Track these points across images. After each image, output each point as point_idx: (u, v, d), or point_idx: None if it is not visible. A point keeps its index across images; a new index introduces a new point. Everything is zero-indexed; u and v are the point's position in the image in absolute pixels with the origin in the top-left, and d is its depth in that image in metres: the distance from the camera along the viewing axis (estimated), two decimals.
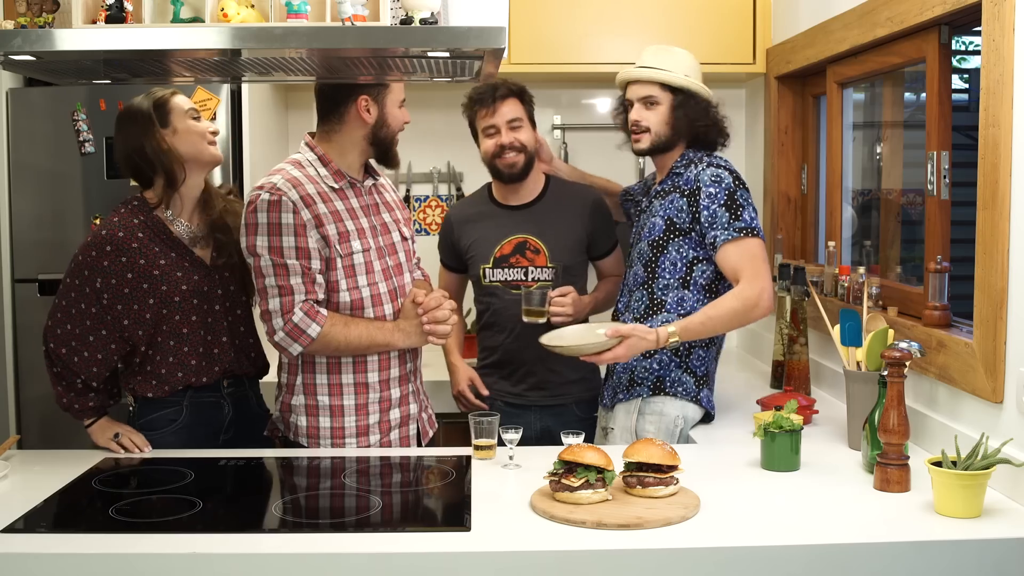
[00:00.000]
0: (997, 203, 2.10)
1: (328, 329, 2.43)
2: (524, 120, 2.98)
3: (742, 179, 2.63)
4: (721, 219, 2.55)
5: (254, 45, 2.11)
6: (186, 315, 2.47)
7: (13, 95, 3.40)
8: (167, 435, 2.49)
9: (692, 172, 2.64)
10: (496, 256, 3.00)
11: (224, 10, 2.24)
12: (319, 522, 2.05)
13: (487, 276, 3.01)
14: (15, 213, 3.41)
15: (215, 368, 2.52)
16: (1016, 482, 2.02)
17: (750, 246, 2.54)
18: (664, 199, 2.68)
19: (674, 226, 2.63)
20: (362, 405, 2.53)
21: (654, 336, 2.47)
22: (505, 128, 2.96)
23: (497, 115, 2.96)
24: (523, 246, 2.99)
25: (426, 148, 4.02)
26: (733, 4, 3.68)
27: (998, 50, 2.09)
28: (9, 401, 3.42)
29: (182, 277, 2.47)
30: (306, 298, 2.43)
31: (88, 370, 2.43)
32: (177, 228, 2.51)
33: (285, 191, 2.43)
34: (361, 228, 2.53)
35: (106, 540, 1.88)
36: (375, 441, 2.54)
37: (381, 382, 2.55)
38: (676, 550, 1.84)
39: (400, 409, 2.59)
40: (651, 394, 2.65)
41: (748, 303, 2.50)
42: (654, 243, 2.66)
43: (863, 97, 3.35)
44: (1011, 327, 2.08)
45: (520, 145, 2.96)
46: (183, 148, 2.48)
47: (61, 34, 2.08)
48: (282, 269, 2.42)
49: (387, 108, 2.55)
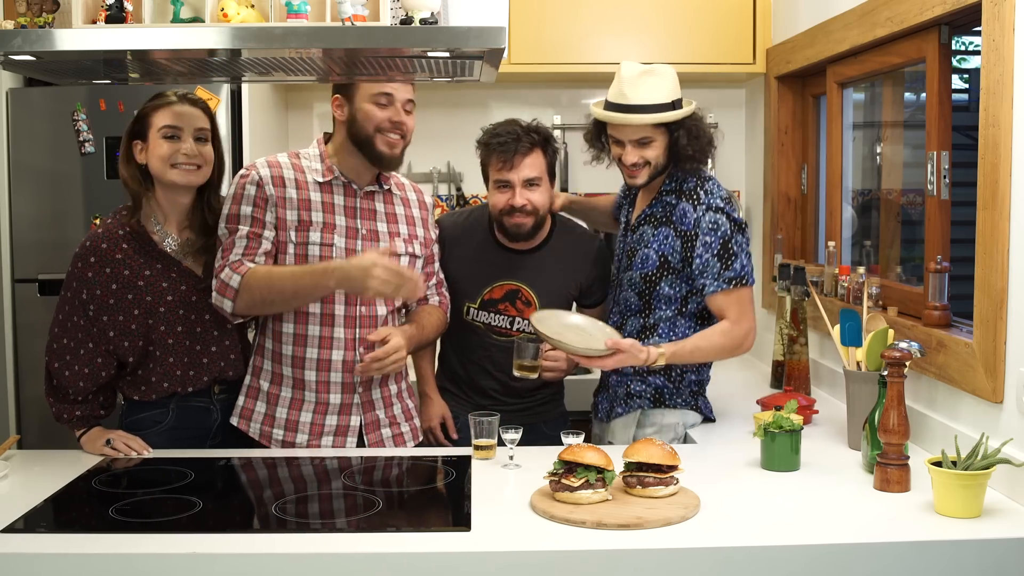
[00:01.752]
0: (997, 203, 2.10)
1: (249, 277, 2.36)
2: (543, 178, 2.71)
3: (740, 222, 2.55)
4: (712, 269, 2.51)
5: (254, 45, 2.11)
6: (171, 326, 2.45)
7: (13, 95, 3.39)
8: (151, 436, 2.47)
9: (690, 211, 2.56)
10: (484, 298, 2.80)
11: (224, 10, 2.24)
12: (319, 522, 2.04)
13: (469, 314, 2.81)
14: (15, 213, 3.41)
15: (203, 377, 2.50)
16: (1016, 482, 2.02)
17: (738, 294, 2.53)
18: (656, 230, 2.61)
19: (668, 264, 2.58)
20: (297, 400, 2.52)
21: (645, 356, 2.46)
22: (520, 187, 2.68)
23: (514, 171, 2.67)
24: (514, 295, 2.80)
25: (426, 148, 4.02)
26: (733, 4, 3.68)
27: (998, 50, 2.09)
28: (9, 401, 3.42)
29: (168, 288, 2.44)
30: (240, 259, 2.41)
31: (75, 384, 2.42)
32: (162, 239, 2.48)
33: (258, 167, 2.50)
34: (332, 224, 2.49)
35: (106, 540, 1.88)
36: (302, 440, 2.51)
37: (319, 383, 2.51)
38: (676, 550, 1.83)
39: (339, 417, 2.53)
40: (651, 406, 2.64)
41: (734, 342, 2.52)
42: (647, 276, 2.61)
43: (863, 97, 3.35)
44: (1011, 327, 2.08)
45: (532, 208, 2.70)
46: (150, 165, 2.45)
47: (61, 34, 2.08)
48: (232, 235, 2.44)
49: (356, 104, 2.48)
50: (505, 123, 2.74)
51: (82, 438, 2.46)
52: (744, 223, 2.58)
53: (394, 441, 2.62)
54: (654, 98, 2.53)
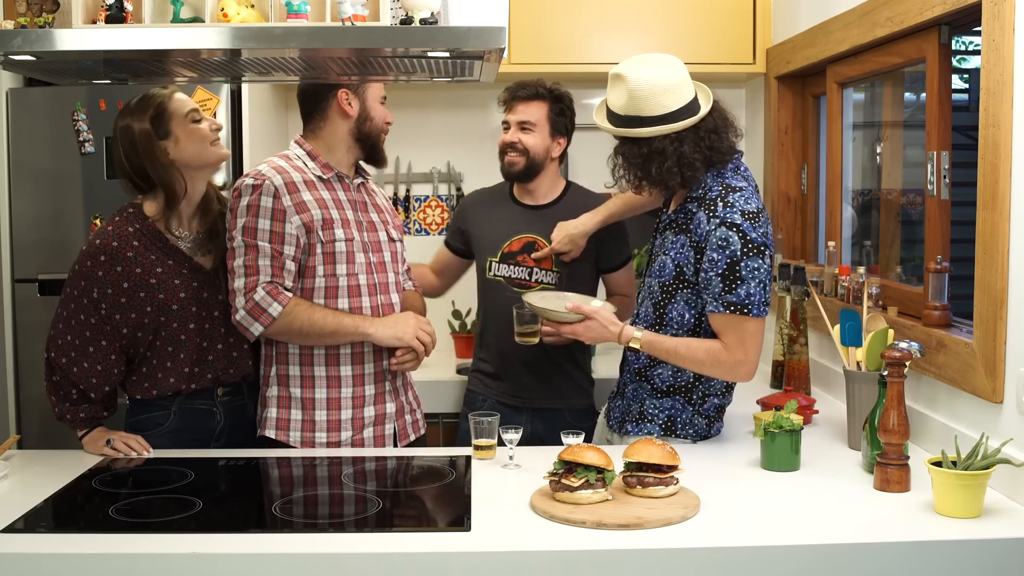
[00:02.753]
0: (997, 203, 2.10)
1: (291, 308, 2.43)
2: (539, 124, 2.95)
3: (758, 244, 2.29)
4: (714, 288, 2.32)
5: (254, 45, 2.11)
6: (184, 322, 2.46)
7: (13, 95, 3.39)
8: (153, 438, 2.47)
9: (703, 222, 2.34)
10: (504, 251, 3.01)
11: (224, 10, 2.24)
12: (319, 522, 2.05)
13: (492, 269, 3.02)
14: (15, 213, 3.41)
15: (207, 375, 2.51)
16: (1016, 482, 2.02)
17: (738, 322, 2.31)
18: (676, 237, 2.43)
19: (683, 275, 2.41)
20: (335, 399, 2.53)
21: (617, 331, 2.44)
22: (515, 127, 2.96)
23: (511, 114, 2.98)
24: (531, 246, 2.99)
25: (426, 148, 4.03)
26: (733, 4, 3.68)
27: (998, 50, 2.09)
28: (9, 401, 3.42)
29: (180, 284, 2.45)
30: (272, 280, 2.43)
31: (87, 380, 2.42)
32: (175, 235, 2.49)
33: (269, 176, 2.49)
34: (346, 219, 2.55)
35: (106, 540, 1.88)
36: (347, 438, 2.53)
37: (355, 376, 2.54)
38: (676, 550, 1.83)
39: (375, 407, 2.57)
40: (661, 433, 2.50)
41: (720, 367, 2.35)
42: (664, 286, 2.45)
43: (863, 97, 3.35)
44: (1011, 327, 2.09)
45: (523, 147, 2.95)
46: (187, 155, 2.44)
47: (61, 34, 2.08)
48: (252, 250, 2.44)
49: (368, 102, 2.58)
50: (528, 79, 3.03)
51: (84, 438, 2.47)
52: (764, 246, 2.31)
53: (412, 428, 2.68)
54: (658, 105, 2.33)
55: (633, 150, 2.39)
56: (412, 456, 2.49)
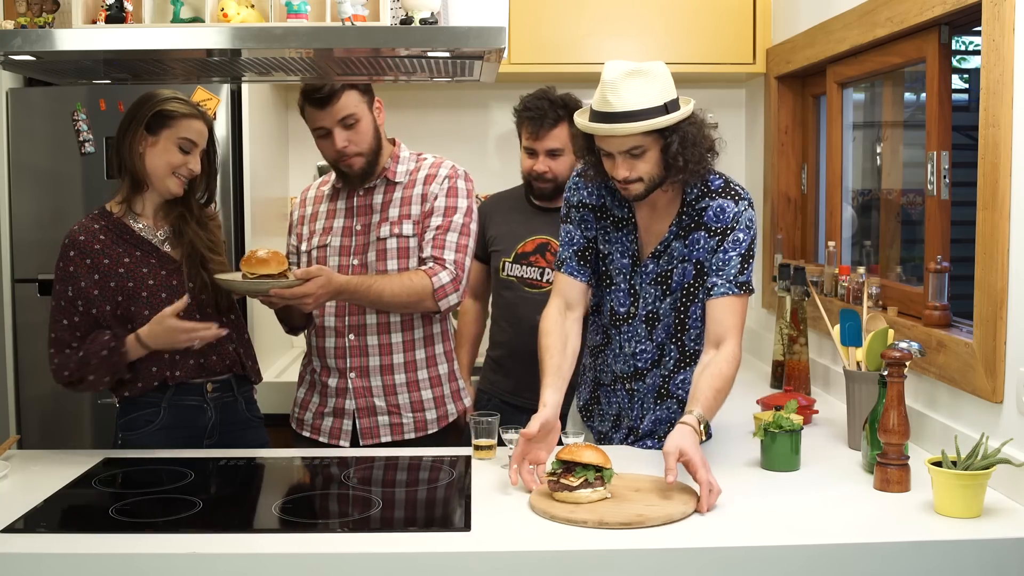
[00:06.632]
0: (997, 203, 2.10)
1: None
2: (565, 148, 2.91)
3: None
4: (731, 268, 2.28)
5: (254, 45, 2.11)
6: (155, 309, 2.44)
7: (13, 95, 3.39)
8: (145, 436, 2.48)
9: (730, 206, 2.31)
10: (518, 252, 3.03)
11: (224, 10, 2.24)
12: (319, 522, 2.05)
13: (505, 269, 3.05)
14: (15, 213, 3.41)
15: (189, 361, 2.50)
16: (1016, 482, 2.02)
17: (742, 304, 2.30)
18: (685, 240, 2.34)
19: (702, 271, 2.35)
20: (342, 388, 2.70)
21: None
22: (543, 156, 2.94)
23: (539, 142, 2.94)
24: (545, 247, 3.01)
25: (426, 148, 3.98)
26: (733, 4, 3.68)
27: (998, 50, 2.09)
28: (9, 401, 3.42)
29: (148, 272, 2.47)
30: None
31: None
32: (138, 227, 2.51)
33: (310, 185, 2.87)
34: (329, 228, 2.71)
35: (106, 540, 1.88)
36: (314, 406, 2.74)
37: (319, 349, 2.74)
38: (676, 550, 1.83)
39: (335, 400, 2.71)
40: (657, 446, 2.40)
41: (737, 363, 2.26)
42: (686, 290, 2.37)
43: (863, 97, 3.35)
44: (1011, 327, 2.09)
45: (552, 175, 2.95)
46: (149, 164, 2.46)
47: (61, 34, 2.09)
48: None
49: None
50: (537, 94, 2.97)
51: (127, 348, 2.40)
52: None
53: (391, 431, 2.69)
54: (642, 102, 2.16)
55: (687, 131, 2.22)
56: (412, 456, 2.49)
